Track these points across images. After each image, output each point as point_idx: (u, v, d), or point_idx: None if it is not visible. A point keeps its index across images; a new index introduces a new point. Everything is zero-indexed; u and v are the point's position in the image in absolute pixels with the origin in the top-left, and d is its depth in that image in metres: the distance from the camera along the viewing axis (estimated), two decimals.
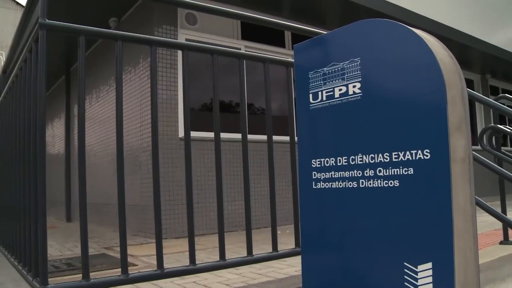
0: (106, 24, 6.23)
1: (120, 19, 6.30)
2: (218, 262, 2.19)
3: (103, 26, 4.22)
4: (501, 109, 2.55)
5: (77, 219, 5.85)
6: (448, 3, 9.20)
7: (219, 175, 2.26)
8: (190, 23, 5.89)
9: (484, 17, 10.34)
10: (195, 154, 5.06)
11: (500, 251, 3.39)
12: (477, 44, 9.46)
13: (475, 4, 10.24)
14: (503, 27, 11.20)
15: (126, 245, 1.92)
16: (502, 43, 10.38)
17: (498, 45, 10.16)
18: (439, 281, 1.23)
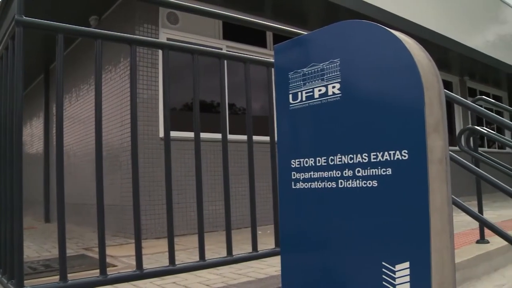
0: (86, 22, 6.16)
1: (100, 17, 6.24)
2: (198, 263, 2.18)
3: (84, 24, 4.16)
4: (477, 110, 2.59)
5: (56, 219, 5.77)
6: (429, 6, 9.33)
7: (199, 175, 2.26)
8: (171, 22, 5.86)
9: (462, 20, 10.51)
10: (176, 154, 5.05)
11: (476, 250, 3.45)
12: (456, 46, 9.62)
13: (454, 7, 10.40)
14: (481, 30, 11.41)
15: (104, 245, 1.90)
16: (479, 46, 10.56)
17: (476, 48, 10.34)
18: (416, 280, 1.24)
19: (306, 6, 6.99)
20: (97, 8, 6.07)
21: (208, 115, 5.90)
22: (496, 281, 3.21)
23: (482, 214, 3.79)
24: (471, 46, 10.13)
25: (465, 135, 4.08)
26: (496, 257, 3.53)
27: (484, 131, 3.79)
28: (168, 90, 2.21)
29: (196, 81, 2.30)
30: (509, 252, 3.65)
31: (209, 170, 5.37)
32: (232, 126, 6.02)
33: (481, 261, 3.34)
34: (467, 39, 10.08)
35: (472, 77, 12.21)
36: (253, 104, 6.11)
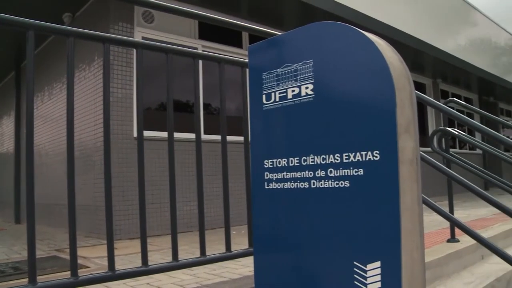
0: (59, 19, 6.05)
1: (74, 15, 6.14)
2: (171, 263, 2.17)
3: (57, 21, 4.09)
4: (448, 112, 2.64)
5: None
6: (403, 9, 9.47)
7: (172, 176, 2.24)
8: (147, 21, 5.80)
9: (435, 24, 10.71)
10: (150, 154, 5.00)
11: (447, 249, 3.52)
12: (429, 49, 9.79)
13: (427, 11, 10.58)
14: (453, 34, 11.65)
15: (76, 246, 1.86)
16: (451, 49, 10.78)
17: (448, 51, 10.54)
18: (387, 279, 1.26)
19: (282, 7, 7.02)
20: (71, 5, 5.97)
21: (183, 115, 5.87)
22: (465, 278, 3.28)
23: (453, 213, 3.87)
24: (444, 49, 10.33)
25: (437, 136, 4.16)
26: (465, 255, 3.61)
27: (455, 132, 3.87)
28: (141, 89, 2.19)
29: (170, 81, 2.29)
30: (478, 250, 3.73)
31: (184, 170, 5.34)
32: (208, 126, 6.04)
33: (451, 260, 3.40)
34: (440, 42, 10.28)
35: (445, 80, 12.46)
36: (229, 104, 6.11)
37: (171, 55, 2.26)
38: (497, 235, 4.36)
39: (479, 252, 3.79)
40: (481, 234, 2.83)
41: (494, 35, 14.43)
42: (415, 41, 9.29)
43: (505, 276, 3.33)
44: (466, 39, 12.41)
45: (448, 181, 3.90)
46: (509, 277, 3.37)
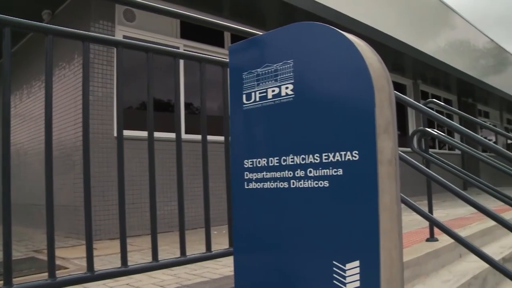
0: (38, 16, 5.96)
1: (54, 12, 6.06)
2: (150, 263, 2.15)
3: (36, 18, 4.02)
4: (427, 113, 2.68)
5: None
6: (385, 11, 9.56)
7: (152, 175, 2.23)
8: (128, 19, 5.75)
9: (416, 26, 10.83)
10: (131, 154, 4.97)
11: (426, 248, 3.56)
12: (410, 51, 9.90)
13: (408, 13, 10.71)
14: (433, 36, 11.80)
15: (54, 247, 1.84)
16: (432, 50, 10.92)
17: (429, 52, 10.68)
18: (366, 278, 1.27)
19: (264, 7, 7.02)
20: (51, 2, 5.89)
21: (165, 115, 5.83)
22: (443, 276, 3.33)
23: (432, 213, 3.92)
24: (424, 50, 10.46)
25: (417, 136, 4.21)
26: (443, 254, 3.66)
27: (435, 133, 3.92)
28: (121, 88, 2.17)
29: (151, 80, 2.27)
30: (456, 249, 3.79)
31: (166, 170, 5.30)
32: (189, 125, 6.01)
33: (430, 259, 3.45)
34: (420, 44, 10.41)
35: (425, 81, 12.62)
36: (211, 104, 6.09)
37: (152, 54, 2.24)
38: (474, 234, 4.43)
39: (457, 250, 3.84)
40: (459, 233, 2.88)
41: (473, 38, 14.67)
42: (396, 42, 9.39)
43: (481, 274, 3.39)
44: (446, 41, 12.59)
45: (427, 181, 3.95)
46: (485, 274, 3.43)
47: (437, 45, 11.75)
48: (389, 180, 1.27)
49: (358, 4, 8.54)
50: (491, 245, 4.56)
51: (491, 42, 16.31)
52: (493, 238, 4.81)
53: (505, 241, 4.66)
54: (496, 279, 3.54)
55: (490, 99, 16.68)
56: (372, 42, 1.42)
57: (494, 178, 8.23)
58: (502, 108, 19.05)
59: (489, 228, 4.71)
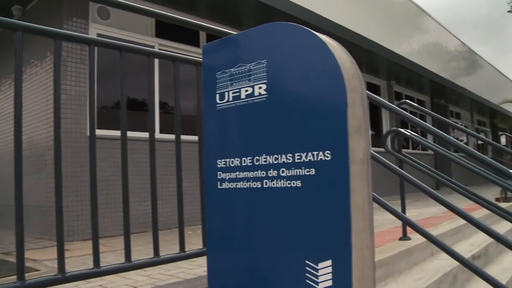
0: (8, 11, 5.83)
1: (25, 8, 5.93)
2: (123, 264, 2.13)
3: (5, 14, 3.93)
4: (399, 113, 2.71)
5: None
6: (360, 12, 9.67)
7: (125, 175, 2.20)
8: (102, 17, 5.67)
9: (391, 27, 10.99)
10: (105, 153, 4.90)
11: (399, 247, 3.61)
12: (384, 52, 10.03)
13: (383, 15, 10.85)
14: (407, 38, 11.99)
15: (23, 248, 1.80)
16: (405, 52, 11.09)
17: (402, 54, 10.83)
18: (338, 278, 1.28)
19: (240, 7, 7.02)
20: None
21: (140, 114, 5.78)
22: (415, 275, 3.38)
23: (405, 212, 3.98)
24: (398, 52, 10.61)
25: (390, 136, 4.27)
26: (416, 253, 3.72)
27: (407, 133, 3.97)
28: (93, 87, 2.14)
29: (124, 79, 2.24)
30: (428, 247, 3.86)
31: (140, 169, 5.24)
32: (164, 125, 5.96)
33: (402, 257, 3.50)
34: (394, 45, 10.56)
35: (398, 82, 12.80)
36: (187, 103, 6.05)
37: (125, 53, 2.21)
38: (446, 232, 4.53)
39: (429, 249, 3.91)
40: (430, 232, 2.92)
41: (445, 41, 14.97)
42: (371, 43, 9.50)
43: (452, 271, 3.46)
44: (419, 43, 12.81)
45: (400, 181, 4.01)
46: (455, 272, 3.50)
47: (411, 47, 11.95)
48: (361, 180, 1.28)
49: (334, 6, 8.61)
50: (462, 243, 4.66)
51: (462, 45, 16.67)
52: (464, 236, 4.92)
53: (475, 239, 4.77)
54: (466, 276, 3.62)
55: (462, 100, 17.05)
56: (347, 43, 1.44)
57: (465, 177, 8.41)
58: (472, 109, 19.49)
59: (460, 227, 4.82)
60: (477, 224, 2.62)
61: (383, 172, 3.12)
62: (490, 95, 18.03)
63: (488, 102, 18.03)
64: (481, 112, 20.79)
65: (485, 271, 2.62)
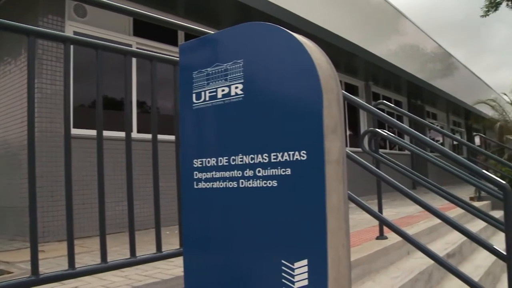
0: None
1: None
2: (99, 265, 2.10)
3: None
4: (376, 113, 2.74)
5: None
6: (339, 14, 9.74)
7: (101, 175, 2.17)
8: (79, 15, 5.59)
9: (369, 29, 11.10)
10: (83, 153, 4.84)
11: (375, 246, 3.65)
12: (363, 53, 10.13)
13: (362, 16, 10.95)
14: (385, 39, 12.12)
15: None
16: (383, 53, 11.22)
17: (380, 55, 10.96)
18: (314, 277, 1.28)
19: (219, 7, 7.01)
20: None
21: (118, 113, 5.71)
22: (392, 273, 3.43)
23: (382, 212, 4.03)
24: (376, 53, 10.73)
25: (367, 137, 4.31)
26: (392, 252, 3.77)
27: (384, 133, 4.02)
28: (69, 86, 2.11)
29: (100, 78, 2.21)
30: (404, 246, 3.91)
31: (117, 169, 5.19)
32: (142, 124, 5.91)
33: (379, 256, 3.54)
34: (372, 46, 10.67)
35: (376, 82, 12.94)
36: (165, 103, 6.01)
37: (101, 51, 2.19)
38: (422, 231, 4.59)
39: (406, 248, 3.97)
40: (406, 231, 2.97)
41: (422, 43, 15.20)
42: (350, 44, 9.59)
43: (427, 269, 3.51)
44: (396, 45, 12.97)
45: (377, 180, 4.05)
46: (431, 270, 3.55)
47: (389, 48, 12.09)
48: (337, 180, 1.29)
49: (313, 7, 8.66)
50: (437, 242, 4.74)
51: (438, 47, 16.95)
52: (439, 235, 5.00)
53: (450, 237, 4.85)
54: (441, 273, 3.68)
55: (438, 101, 17.33)
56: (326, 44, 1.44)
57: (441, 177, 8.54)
58: (448, 110, 19.83)
59: (435, 226, 4.89)
60: (452, 223, 2.67)
61: (360, 172, 3.15)
62: (465, 96, 18.37)
63: (463, 103, 18.37)
64: (457, 113, 21.16)
65: (458, 269, 2.67)
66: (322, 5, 9.16)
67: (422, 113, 15.93)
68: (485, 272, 4.17)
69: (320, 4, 9.08)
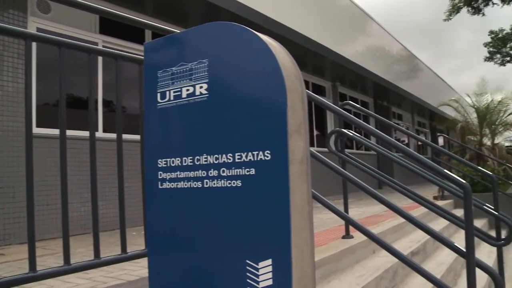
0: None
1: None
2: (62, 267, 2.06)
3: None
4: (340, 113, 2.77)
5: None
6: (307, 15, 9.81)
7: (63, 174, 2.13)
8: (42, 11, 5.46)
9: (336, 30, 11.23)
10: (46, 153, 4.73)
11: (341, 245, 3.70)
12: (329, 54, 10.23)
13: (329, 18, 11.07)
14: (352, 41, 12.29)
15: None
16: (350, 55, 11.36)
17: (347, 56, 11.09)
18: (278, 276, 1.29)
19: (187, 6, 6.96)
20: None
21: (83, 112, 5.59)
22: (357, 272, 3.47)
23: (348, 211, 4.08)
24: (343, 54, 10.86)
25: (334, 136, 4.35)
26: (358, 250, 3.82)
27: (350, 133, 4.07)
28: (30, 84, 2.06)
29: (63, 76, 2.17)
30: (370, 245, 3.97)
31: (83, 169, 5.09)
32: (109, 124, 5.81)
33: (345, 255, 3.59)
34: (340, 47, 10.80)
35: (343, 83, 13.11)
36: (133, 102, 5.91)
37: (64, 49, 2.14)
38: (387, 230, 4.68)
39: (371, 246, 4.03)
40: (371, 230, 3.01)
41: (388, 45, 15.48)
42: (317, 45, 9.67)
43: (392, 267, 3.58)
44: (363, 46, 13.17)
45: (343, 180, 4.10)
46: (395, 268, 3.62)
47: (356, 50, 12.26)
48: (301, 180, 1.30)
49: (281, 8, 8.70)
50: (402, 240, 4.84)
51: (404, 50, 17.29)
52: (404, 233, 5.10)
53: (414, 236, 4.96)
54: (405, 271, 3.76)
55: (403, 102, 17.69)
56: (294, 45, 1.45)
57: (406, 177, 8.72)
58: (413, 111, 20.27)
59: (400, 224, 4.99)
60: (415, 222, 2.72)
61: (327, 172, 3.18)
62: (430, 98, 18.81)
63: (428, 105, 18.81)
64: (421, 114, 21.65)
65: (421, 266, 2.73)
66: (290, 6, 9.22)
67: (388, 114, 16.23)
68: (447, 269, 4.28)
69: (288, 5, 9.13)
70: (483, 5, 22.54)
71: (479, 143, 13.40)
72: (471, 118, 14.08)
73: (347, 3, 12.25)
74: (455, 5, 23.22)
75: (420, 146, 20.27)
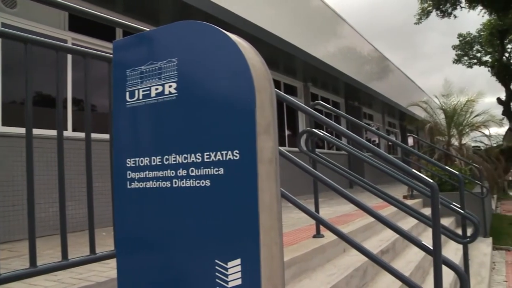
0: None
1: None
2: (27, 270, 2.02)
3: None
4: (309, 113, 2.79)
5: None
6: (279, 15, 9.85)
7: (30, 174, 2.09)
8: (7, 5, 5.32)
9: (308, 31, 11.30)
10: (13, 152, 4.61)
11: (312, 244, 3.73)
12: (301, 54, 10.30)
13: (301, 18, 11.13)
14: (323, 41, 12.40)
15: None
16: (322, 55, 11.47)
17: (319, 57, 11.19)
18: (247, 275, 1.29)
19: (158, 5, 6.91)
20: None
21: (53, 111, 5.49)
22: (328, 271, 3.51)
23: (318, 211, 4.12)
24: (314, 55, 10.95)
25: (305, 136, 4.39)
26: (329, 249, 3.86)
27: (321, 133, 4.11)
28: None
29: (29, 74, 2.12)
30: (340, 244, 4.02)
31: (52, 169, 5.00)
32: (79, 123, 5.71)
33: (316, 254, 3.62)
34: (311, 48, 10.88)
35: (315, 84, 13.22)
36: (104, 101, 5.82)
37: (31, 46, 2.10)
38: (358, 229, 4.74)
39: (341, 245, 4.08)
40: (341, 230, 3.05)
41: (359, 46, 15.68)
42: (288, 45, 9.73)
43: (362, 266, 3.63)
44: (335, 47, 13.31)
45: (313, 180, 4.14)
46: (365, 266, 3.68)
47: (327, 50, 12.38)
48: (269, 179, 1.31)
49: (253, 8, 8.72)
50: (372, 239, 4.91)
51: (375, 51, 17.55)
52: (374, 232, 5.18)
53: (384, 235, 5.04)
54: (375, 269, 3.82)
55: (374, 103, 17.95)
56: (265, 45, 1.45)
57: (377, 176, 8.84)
58: (384, 111, 20.59)
59: (370, 223, 5.07)
60: (384, 221, 2.77)
61: (298, 171, 3.20)
62: (400, 99, 19.14)
63: (398, 105, 19.14)
64: (392, 114, 22.01)
65: (390, 265, 2.78)
66: (262, 6, 9.24)
67: (359, 114, 16.44)
68: (416, 267, 4.36)
69: (260, 5, 9.15)
70: (451, 9, 23.12)
71: (447, 143, 13.71)
72: (440, 119, 14.40)
73: (319, 4, 12.36)
74: (424, 9, 23.77)
75: (391, 146, 20.61)
